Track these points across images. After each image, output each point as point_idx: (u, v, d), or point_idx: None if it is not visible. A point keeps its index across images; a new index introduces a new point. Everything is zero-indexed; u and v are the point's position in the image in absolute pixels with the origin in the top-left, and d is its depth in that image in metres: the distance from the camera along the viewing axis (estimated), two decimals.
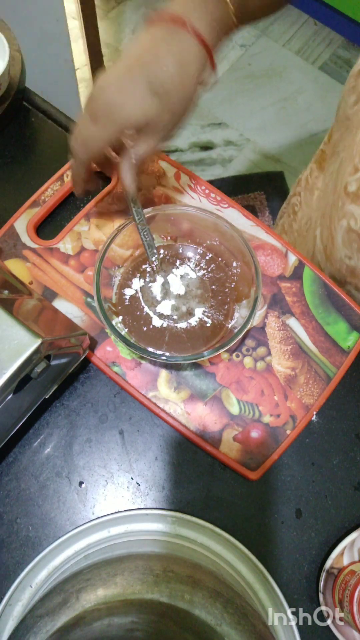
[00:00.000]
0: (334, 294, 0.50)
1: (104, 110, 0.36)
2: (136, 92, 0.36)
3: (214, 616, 0.28)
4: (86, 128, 0.38)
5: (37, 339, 0.34)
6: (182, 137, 1.60)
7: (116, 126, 0.37)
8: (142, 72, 0.35)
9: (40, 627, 0.28)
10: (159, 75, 0.36)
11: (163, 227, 0.49)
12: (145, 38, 0.37)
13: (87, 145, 0.38)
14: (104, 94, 0.36)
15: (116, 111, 0.36)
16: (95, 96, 0.37)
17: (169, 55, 0.36)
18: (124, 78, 0.36)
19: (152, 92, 0.36)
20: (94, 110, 0.37)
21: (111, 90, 0.36)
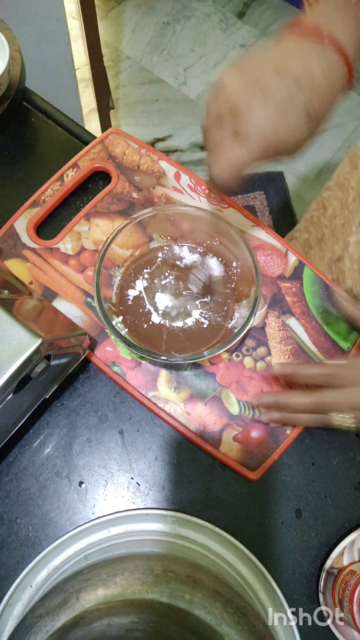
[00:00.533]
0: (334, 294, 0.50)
1: (258, 135, 0.34)
2: (296, 120, 0.34)
3: (214, 616, 0.28)
4: (233, 150, 0.35)
5: (37, 339, 0.34)
6: (182, 137, 1.60)
7: (269, 152, 0.35)
8: (301, 100, 0.34)
9: (40, 627, 0.28)
10: (316, 104, 0.34)
11: (163, 227, 0.49)
12: (294, 52, 0.35)
13: (234, 169, 0.36)
14: (259, 120, 0.34)
15: (273, 138, 0.34)
16: (249, 119, 0.34)
17: (323, 80, 0.34)
18: (284, 105, 0.34)
19: (308, 119, 0.35)
20: (245, 132, 0.34)
21: (269, 115, 0.34)
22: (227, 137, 0.35)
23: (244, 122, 0.34)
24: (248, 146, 0.34)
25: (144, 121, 1.62)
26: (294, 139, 0.35)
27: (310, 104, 0.34)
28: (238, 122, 0.34)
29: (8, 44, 0.54)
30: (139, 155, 0.54)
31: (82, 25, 1.11)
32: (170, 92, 1.66)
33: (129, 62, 1.70)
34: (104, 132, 0.56)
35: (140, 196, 0.53)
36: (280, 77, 0.34)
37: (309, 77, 0.34)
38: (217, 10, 1.79)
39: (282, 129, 0.34)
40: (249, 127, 0.34)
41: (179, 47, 1.72)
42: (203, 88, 1.67)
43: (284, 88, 0.34)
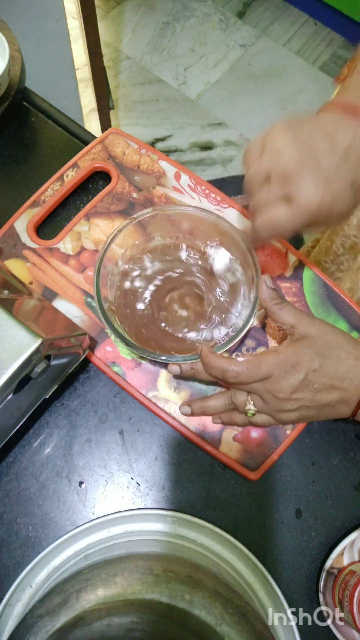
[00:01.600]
0: (334, 294, 0.50)
1: (307, 203, 0.35)
2: (342, 192, 0.36)
3: (214, 616, 0.28)
4: (279, 212, 0.36)
5: (37, 339, 0.34)
6: (182, 137, 1.60)
7: (313, 220, 0.36)
8: (349, 172, 0.35)
9: (40, 627, 0.28)
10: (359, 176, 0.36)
11: (163, 227, 0.49)
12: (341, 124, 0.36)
13: (277, 230, 0.38)
14: (309, 189, 0.35)
15: (319, 208, 0.36)
16: (300, 187, 0.35)
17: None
18: (333, 176, 0.35)
19: (353, 191, 0.36)
20: (294, 199, 0.36)
21: (319, 185, 0.35)
22: (274, 199, 0.36)
23: (294, 188, 0.35)
24: (294, 211, 0.36)
25: (144, 121, 1.62)
26: (339, 210, 0.37)
27: (355, 177, 0.36)
28: (288, 187, 0.36)
29: (8, 44, 0.54)
30: (139, 155, 0.54)
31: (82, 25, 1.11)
32: (170, 92, 1.66)
33: (129, 62, 1.70)
34: (104, 132, 0.56)
35: (140, 196, 0.53)
36: (331, 148, 0.35)
37: (354, 151, 0.35)
38: (217, 10, 1.79)
39: (329, 200, 0.35)
40: (298, 194, 0.35)
41: (179, 47, 1.72)
42: (203, 88, 1.67)
43: (334, 159, 0.35)
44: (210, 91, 1.67)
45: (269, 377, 0.38)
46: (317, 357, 0.38)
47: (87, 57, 1.21)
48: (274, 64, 1.70)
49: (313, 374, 0.38)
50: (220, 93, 1.66)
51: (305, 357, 0.38)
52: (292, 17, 1.78)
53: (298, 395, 0.38)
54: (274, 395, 0.38)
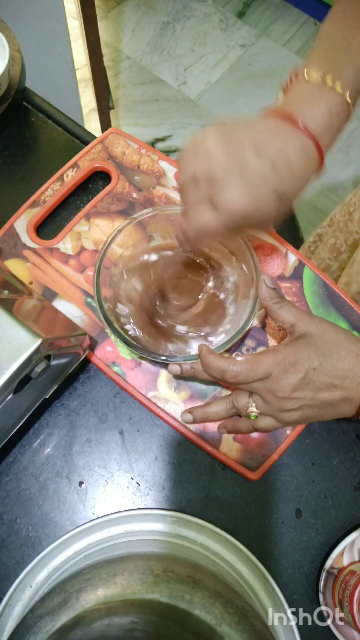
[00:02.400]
0: (333, 293, 0.50)
1: (229, 209, 0.36)
2: (265, 199, 0.36)
3: (214, 616, 0.28)
4: (204, 216, 0.37)
5: (37, 339, 0.34)
6: (182, 137, 1.60)
7: (237, 224, 0.37)
8: (273, 181, 0.35)
9: (40, 627, 0.28)
10: (287, 186, 0.36)
11: (163, 227, 0.49)
12: (274, 132, 0.36)
13: (202, 232, 0.38)
14: (232, 195, 0.35)
15: (243, 214, 0.36)
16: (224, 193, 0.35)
17: (296, 163, 0.36)
18: (257, 183, 0.35)
19: (277, 199, 0.36)
20: (217, 203, 0.36)
21: (242, 191, 0.35)
22: (201, 201, 0.37)
23: (218, 193, 0.36)
24: (218, 216, 0.36)
25: (144, 121, 1.62)
26: (262, 216, 0.37)
27: (281, 185, 0.36)
28: (213, 191, 0.36)
29: (8, 44, 0.54)
30: (139, 155, 0.54)
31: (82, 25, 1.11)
32: (170, 92, 1.66)
33: (129, 62, 1.70)
34: (104, 132, 0.56)
35: (140, 196, 0.53)
36: (258, 156, 0.35)
37: (284, 159, 0.36)
38: (217, 10, 1.79)
39: (252, 206, 0.36)
40: (221, 200, 0.36)
41: (179, 47, 1.72)
42: (203, 88, 1.67)
43: (259, 167, 0.35)
44: (210, 91, 1.67)
45: (268, 377, 0.38)
46: (317, 356, 0.38)
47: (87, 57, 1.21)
48: (274, 64, 1.70)
49: (313, 373, 0.38)
50: (220, 93, 1.66)
51: (305, 356, 0.38)
52: (292, 17, 1.78)
53: (299, 394, 0.38)
54: (275, 394, 0.38)
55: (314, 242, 0.81)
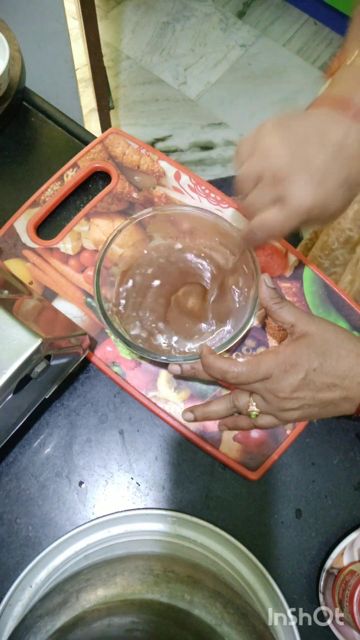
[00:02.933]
0: (334, 294, 0.50)
1: (299, 205, 0.35)
2: (334, 191, 0.35)
3: (214, 616, 0.28)
4: (272, 215, 0.36)
5: (37, 339, 0.34)
6: (182, 137, 1.60)
7: (306, 221, 0.36)
8: (341, 170, 0.35)
9: (40, 627, 0.28)
10: (354, 174, 0.35)
11: (163, 227, 0.49)
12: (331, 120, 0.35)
13: (271, 232, 0.38)
14: (301, 191, 0.35)
15: (312, 208, 0.35)
16: (292, 189, 0.35)
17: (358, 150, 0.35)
18: (325, 175, 0.35)
19: (346, 189, 0.36)
20: (286, 201, 0.35)
21: (310, 186, 0.35)
22: (268, 201, 0.36)
23: (286, 191, 0.35)
24: (287, 213, 0.35)
25: (144, 121, 1.62)
26: (333, 208, 0.36)
27: (349, 175, 0.35)
28: (280, 189, 0.35)
29: (8, 44, 0.54)
30: (139, 155, 0.54)
31: (82, 25, 1.11)
32: (170, 92, 1.66)
33: (129, 62, 1.70)
34: (104, 132, 0.56)
35: (140, 196, 0.53)
36: (321, 145, 0.35)
37: (346, 148, 0.35)
38: (217, 10, 1.79)
39: (322, 200, 0.35)
40: (290, 197, 0.35)
41: (179, 47, 1.72)
42: (203, 88, 1.67)
43: (325, 157, 0.35)
44: (210, 91, 1.67)
45: (269, 377, 0.38)
46: (317, 356, 0.38)
47: (87, 57, 1.21)
48: (274, 64, 1.70)
49: (313, 373, 0.38)
50: (220, 93, 1.66)
51: (305, 357, 0.38)
52: (292, 17, 1.78)
53: (299, 394, 0.38)
54: (275, 394, 0.38)
55: (310, 240, 0.81)
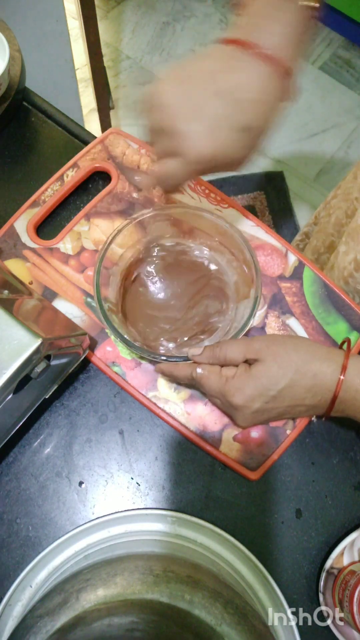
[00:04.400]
0: (334, 294, 0.50)
1: (194, 156, 0.35)
2: (230, 138, 0.34)
3: (214, 616, 0.28)
4: (172, 164, 0.36)
5: (37, 339, 0.34)
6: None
7: (206, 169, 0.36)
8: (234, 116, 0.34)
9: (40, 627, 0.28)
10: (250, 118, 0.34)
11: (163, 227, 0.49)
12: (226, 65, 0.34)
13: (171, 181, 0.38)
14: (195, 141, 0.34)
15: (209, 157, 0.35)
16: (185, 140, 0.34)
17: (256, 93, 0.34)
18: (218, 123, 0.34)
19: (244, 134, 0.35)
20: (181, 152, 0.35)
21: (204, 135, 0.34)
22: (167, 151, 0.36)
23: (181, 143, 0.34)
24: (185, 165, 0.35)
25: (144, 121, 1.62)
26: (231, 156, 0.35)
27: (244, 119, 0.34)
28: (175, 142, 0.35)
29: (8, 44, 0.54)
30: (139, 155, 0.54)
31: (82, 25, 1.11)
32: None
33: (129, 62, 1.70)
34: (104, 132, 0.56)
35: (140, 196, 0.53)
36: (213, 94, 0.34)
37: (241, 90, 0.34)
38: (217, 10, 1.79)
39: (218, 148, 0.34)
40: (185, 149, 0.34)
41: (179, 47, 1.72)
42: None
43: (217, 105, 0.34)
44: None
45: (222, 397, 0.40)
46: (270, 389, 0.37)
47: (87, 57, 1.21)
48: None
49: (267, 405, 0.38)
50: None
51: (257, 394, 0.38)
52: None
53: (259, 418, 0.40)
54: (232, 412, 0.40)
55: (301, 240, 0.82)
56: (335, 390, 0.37)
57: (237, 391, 0.38)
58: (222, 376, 0.40)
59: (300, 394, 0.38)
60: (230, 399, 0.38)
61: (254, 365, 0.39)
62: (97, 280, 0.44)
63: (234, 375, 0.39)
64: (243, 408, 0.38)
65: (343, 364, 0.37)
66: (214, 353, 0.40)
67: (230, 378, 0.39)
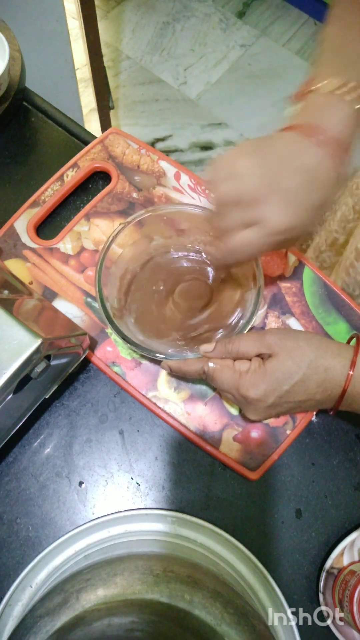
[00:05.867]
0: (333, 294, 0.50)
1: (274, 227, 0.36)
2: (309, 214, 0.36)
3: (214, 616, 0.28)
4: (247, 235, 0.37)
5: (37, 339, 0.34)
6: (182, 137, 1.60)
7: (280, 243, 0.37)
8: (316, 194, 0.36)
9: (40, 627, 0.28)
10: (322, 197, 0.36)
11: (163, 226, 0.49)
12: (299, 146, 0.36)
13: (245, 252, 0.38)
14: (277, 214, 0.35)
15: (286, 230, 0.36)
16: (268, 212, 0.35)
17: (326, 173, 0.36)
18: (299, 198, 0.35)
19: (318, 211, 0.37)
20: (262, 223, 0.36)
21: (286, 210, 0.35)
22: (243, 222, 0.36)
23: (261, 212, 0.35)
24: (262, 235, 0.36)
25: (144, 121, 1.62)
26: (303, 230, 0.37)
27: (319, 197, 0.36)
28: (257, 210, 0.35)
29: (8, 44, 0.54)
30: (139, 155, 0.54)
31: (82, 25, 1.11)
32: (170, 92, 1.66)
33: (129, 62, 1.70)
34: (104, 132, 0.56)
35: (140, 196, 0.53)
36: (296, 171, 0.35)
37: (319, 173, 0.36)
38: (217, 10, 1.79)
39: (295, 221, 0.36)
40: (265, 218, 0.35)
41: (179, 47, 1.72)
42: (203, 88, 1.67)
43: (300, 182, 0.35)
44: (210, 91, 1.67)
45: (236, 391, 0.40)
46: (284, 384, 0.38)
47: (87, 57, 1.21)
48: (274, 64, 1.70)
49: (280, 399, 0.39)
50: (220, 93, 1.66)
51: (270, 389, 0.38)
52: (292, 17, 1.78)
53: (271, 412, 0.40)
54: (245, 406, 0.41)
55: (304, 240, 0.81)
56: (345, 385, 0.38)
57: (252, 386, 0.39)
58: (235, 370, 0.40)
59: (312, 388, 0.38)
60: (245, 393, 0.39)
61: (268, 360, 0.39)
62: (99, 280, 0.44)
63: (248, 370, 0.39)
64: (257, 402, 0.39)
65: (352, 360, 0.38)
66: (227, 348, 0.41)
67: (245, 373, 0.39)
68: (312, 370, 0.38)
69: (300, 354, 0.38)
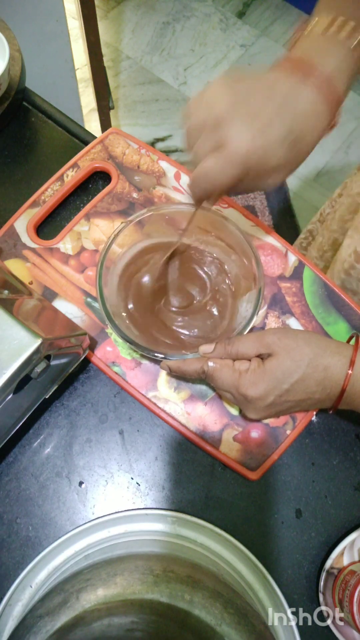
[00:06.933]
0: (334, 294, 0.50)
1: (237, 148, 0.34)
2: (276, 140, 0.34)
3: (214, 616, 0.28)
4: (212, 161, 0.35)
5: (37, 339, 0.34)
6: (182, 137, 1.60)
7: (245, 169, 0.35)
8: (284, 121, 0.34)
9: (40, 627, 0.28)
10: (298, 130, 0.34)
11: (164, 226, 0.49)
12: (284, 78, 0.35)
13: (209, 182, 0.36)
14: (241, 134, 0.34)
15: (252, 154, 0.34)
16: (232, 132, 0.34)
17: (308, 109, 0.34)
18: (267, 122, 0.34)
19: (288, 143, 0.35)
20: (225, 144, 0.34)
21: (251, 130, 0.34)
22: (209, 147, 0.35)
23: (224, 132, 0.34)
24: (224, 159, 0.34)
25: (144, 121, 1.62)
26: (272, 162, 0.35)
27: (292, 128, 0.34)
28: (220, 132, 0.34)
29: (8, 44, 0.54)
30: (139, 155, 0.54)
31: (82, 25, 1.11)
32: (170, 92, 1.66)
33: (129, 62, 1.71)
34: (104, 132, 0.56)
35: (140, 196, 0.53)
36: (268, 98, 0.34)
37: (295, 101, 0.34)
38: (217, 10, 1.79)
39: (260, 147, 0.34)
40: (228, 139, 0.34)
41: (179, 47, 1.72)
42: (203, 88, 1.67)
43: (270, 109, 0.34)
44: None
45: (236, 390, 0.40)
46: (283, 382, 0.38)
47: (87, 57, 1.21)
48: None
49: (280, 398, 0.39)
50: None
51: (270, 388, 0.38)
52: (292, 17, 1.78)
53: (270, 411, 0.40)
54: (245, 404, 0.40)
55: (305, 239, 0.82)
56: (344, 384, 0.38)
57: (251, 385, 0.38)
58: (235, 370, 0.40)
59: (311, 387, 0.38)
60: (245, 392, 0.39)
61: (268, 359, 0.39)
62: (100, 281, 0.44)
63: (248, 370, 0.39)
64: (257, 401, 0.39)
65: (351, 359, 0.38)
66: (226, 349, 0.41)
67: (244, 372, 0.39)
68: (311, 369, 0.38)
69: (299, 352, 0.38)
